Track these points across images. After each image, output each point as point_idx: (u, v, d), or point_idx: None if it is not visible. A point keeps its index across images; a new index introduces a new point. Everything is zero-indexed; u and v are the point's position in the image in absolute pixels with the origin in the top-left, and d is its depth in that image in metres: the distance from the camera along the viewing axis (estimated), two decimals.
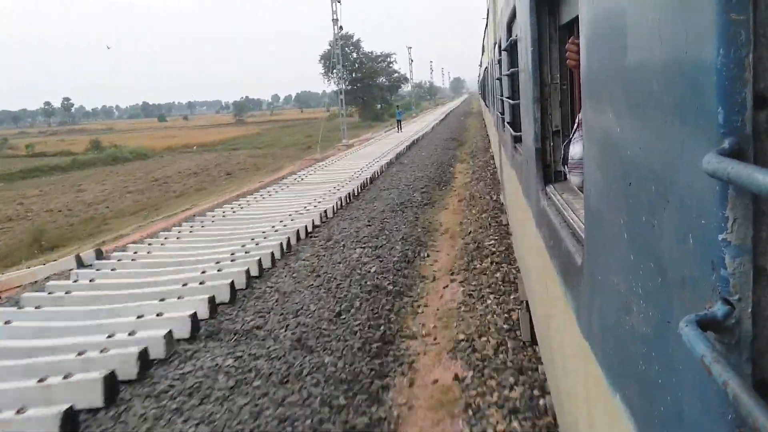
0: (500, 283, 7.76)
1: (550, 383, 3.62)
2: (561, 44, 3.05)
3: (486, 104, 20.97)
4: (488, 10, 11.86)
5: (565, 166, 2.81)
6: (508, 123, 6.38)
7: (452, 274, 8.44)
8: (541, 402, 4.72)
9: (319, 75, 75.09)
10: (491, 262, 8.64)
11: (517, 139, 5.17)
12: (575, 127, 2.69)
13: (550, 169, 3.18)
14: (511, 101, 5.79)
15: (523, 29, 3.56)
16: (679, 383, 0.99)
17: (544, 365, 4.18)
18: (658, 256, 1.07)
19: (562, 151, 2.95)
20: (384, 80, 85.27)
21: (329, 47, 70.81)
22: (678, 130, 0.94)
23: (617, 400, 1.41)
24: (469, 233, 10.62)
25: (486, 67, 17.18)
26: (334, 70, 71.53)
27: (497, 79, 8.33)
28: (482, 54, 22.45)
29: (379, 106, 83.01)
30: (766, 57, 0.73)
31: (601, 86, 1.49)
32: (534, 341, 5.57)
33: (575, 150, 2.58)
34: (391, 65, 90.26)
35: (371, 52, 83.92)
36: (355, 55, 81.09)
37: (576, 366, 2.15)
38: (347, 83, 73.29)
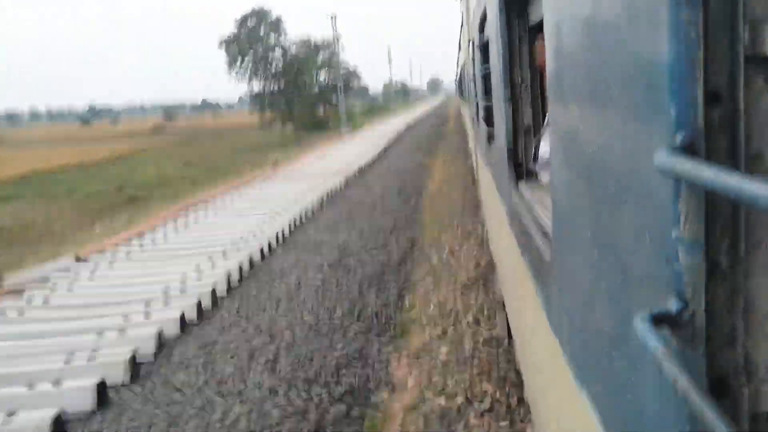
0: None
1: (525, 379, 3.65)
2: (531, 45, 3.07)
3: (463, 101, 21.04)
4: (462, 11, 11.91)
5: (536, 164, 2.83)
6: (482, 121, 6.42)
7: None
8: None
9: (229, 70, 56.97)
10: None
11: (491, 138, 5.19)
12: (545, 125, 2.71)
13: (521, 168, 3.20)
14: (484, 100, 5.82)
15: (494, 30, 3.57)
16: (639, 379, 1.00)
17: (519, 361, 4.20)
18: (619, 252, 1.08)
19: (533, 150, 2.97)
20: (326, 77, 63.23)
21: (236, 30, 56.28)
22: (635, 128, 0.95)
23: (583, 395, 1.43)
24: None
25: (462, 66, 17.27)
26: (242, 63, 55.31)
27: (471, 78, 8.37)
28: (459, 51, 22.56)
29: (322, 110, 61.83)
30: (716, 55, 0.74)
31: (565, 85, 1.51)
32: (510, 337, 5.60)
33: (545, 148, 2.60)
34: (336, 56, 66.62)
35: (306, 40, 60.42)
36: (276, 40, 59.43)
37: (546, 362, 2.17)
38: (264, 80, 58.45)
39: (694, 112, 0.75)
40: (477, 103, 7.21)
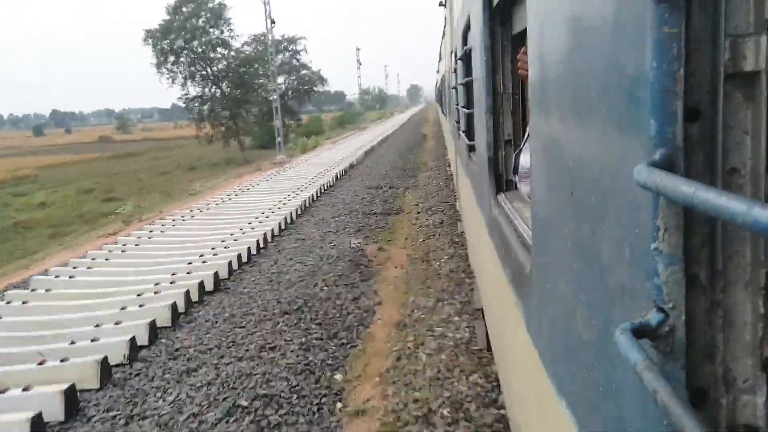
0: None
1: (504, 390, 3.65)
2: (513, 54, 3.09)
3: (443, 112, 21.08)
4: (445, 18, 11.99)
5: (516, 175, 2.85)
6: (463, 132, 6.44)
7: None
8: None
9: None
10: None
11: (471, 148, 5.22)
12: (525, 136, 2.73)
13: (501, 178, 3.22)
14: (465, 110, 5.85)
15: (477, 39, 3.60)
16: (619, 391, 1.00)
17: (498, 372, 4.21)
18: (599, 264, 1.08)
19: (513, 161, 2.99)
20: (286, 79, 54.61)
21: (168, 16, 44.28)
22: (616, 141, 0.96)
23: (563, 406, 1.43)
24: None
25: (443, 75, 17.38)
26: (174, 62, 44.50)
27: (453, 87, 8.42)
28: (439, 61, 22.65)
29: (282, 122, 44.51)
30: (697, 70, 0.75)
31: (547, 96, 1.52)
32: (489, 348, 5.61)
33: (525, 159, 2.61)
34: (297, 56, 57.29)
35: (259, 35, 47.20)
36: (220, 34, 46.53)
37: (526, 373, 2.17)
38: (203, 84, 46.39)
39: (673, 127, 0.76)
40: (458, 112, 7.24)
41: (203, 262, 8.88)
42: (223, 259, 8.92)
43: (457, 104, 7.48)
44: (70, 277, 8.68)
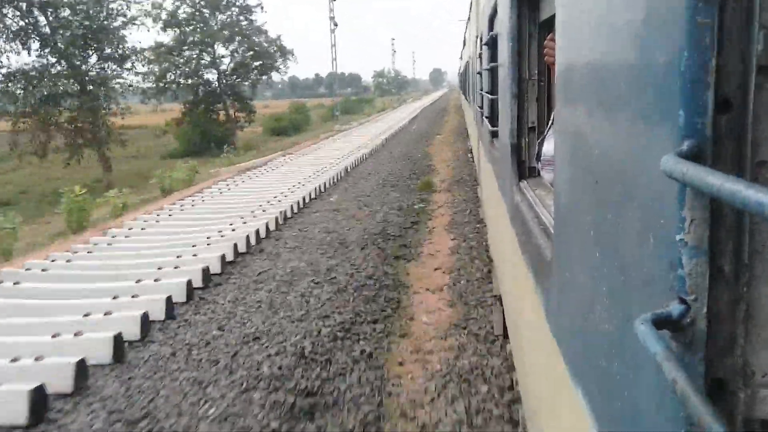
0: None
1: (519, 376, 3.66)
2: (540, 41, 3.06)
3: (466, 98, 20.89)
4: (471, 3, 11.88)
5: (539, 162, 2.83)
6: (486, 118, 6.41)
7: None
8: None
9: None
10: None
11: (494, 135, 5.19)
12: (550, 123, 2.71)
13: (524, 165, 3.20)
14: (490, 96, 5.81)
15: (504, 25, 3.57)
16: (636, 381, 1.00)
17: (514, 359, 4.22)
18: (621, 254, 1.08)
19: (537, 147, 2.97)
20: (230, 49, 39.15)
21: None
22: (643, 131, 0.95)
23: (579, 395, 1.43)
24: None
25: (467, 61, 17.24)
26: None
27: (477, 73, 8.36)
28: (463, 47, 22.47)
29: (222, 114, 38.77)
30: (729, 61, 0.74)
31: (574, 84, 1.50)
32: (506, 335, 5.61)
33: (548, 146, 2.59)
34: (247, 15, 39.71)
35: None
36: None
37: (543, 361, 2.17)
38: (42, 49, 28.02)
39: (703, 117, 0.75)
40: (482, 98, 7.20)
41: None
42: None
43: (481, 90, 7.43)
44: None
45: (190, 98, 37.61)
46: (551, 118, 2.74)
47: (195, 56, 37.16)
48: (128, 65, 31.35)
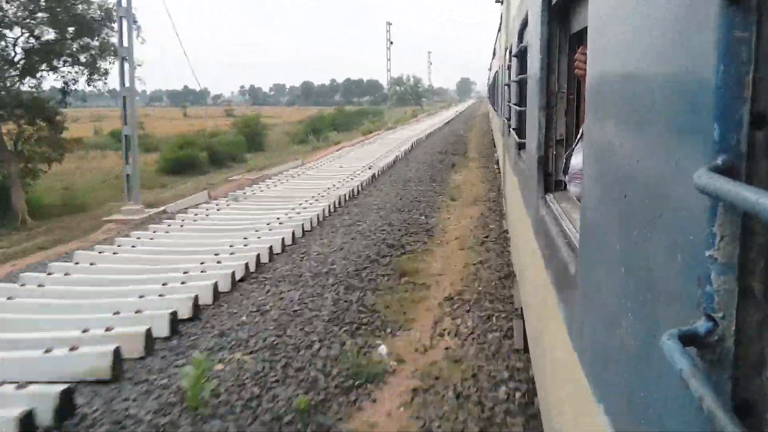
0: None
1: (539, 392, 3.62)
2: (570, 53, 3.05)
3: (494, 108, 20.83)
4: (501, 15, 11.87)
5: (566, 176, 2.81)
6: (513, 129, 6.38)
7: None
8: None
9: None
10: None
11: (521, 146, 5.17)
12: (578, 137, 2.69)
13: (551, 178, 3.18)
14: (518, 107, 5.79)
15: (534, 37, 3.56)
16: (661, 398, 0.99)
17: (534, 374, 4.17)
18: (648, 269, 1.07)
19: (564, 161, 2.96)
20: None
21: None
22: (675, 145, 0.94)
23: (601, 411, 1.41)
24: None
25: (496, 72, 17.21)
26: None
27: (506, 84, 8.34)
28: (493, 58, 22.48)
29: None
30: (767, 76, 0.73)
31: (605, 97, 1.49)
32: (526, 349, 5.56)
33: (576, 160, 2.58)
34: None
35: None
36: None
37: (564, 376, 2.15)
38: None
39: (738, 132, 0.74)
40: (510, 109, 7.18)
41: None
42: None
43: (509, 101, 7.41)
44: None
45: None
46: (580, 131, 2.73)
47: None
48: None
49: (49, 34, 20.25)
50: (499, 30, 14.33)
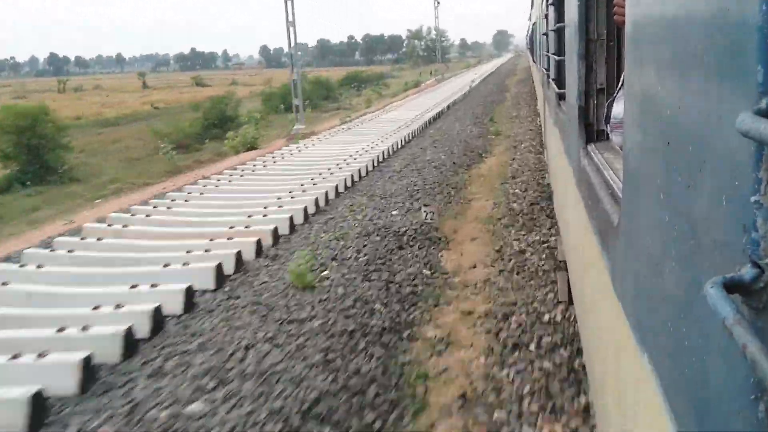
0: None
1: (583, 342, 3.63)
2: None
3: (534, 60, 20.34)
4: None
5: (608, 125, 2.76)
6: (552, 80, 6.25)
7: None
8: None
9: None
10: None
11: (561, 97, 5.06)
12: (620, 85, 2.63)
13: (592, 128, 3.12)
14: (556, 57, 5.65)
15: None
16: (705, 346, 0.99)
17: (578, 323, 4.18)
18: (692, 217, 1.06)
19: (606, 110, 2.89)
20: None
21: None
22: (717, 89, 0.92)
23: (645, 360, 1.42)
24: None
25: (534, 22, 16.74)
26: None
27: (543, 34, 8.13)
28: (531, 7, 21.86)
29: None
30: None
31: (645, 42, 1.45)
32: (571, 302, 5.56)
33: (618, 109, 2.52)
34: None
35: None
36: None
37: (608, 325, 2.15)
38: None
39: None
40: (548, 59, 7.01)
41: None
42: None
43: (547, 51, 7.23)
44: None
45: None
46: (621, 79, 2.66)
47: None
48: None
49: None
50: None
